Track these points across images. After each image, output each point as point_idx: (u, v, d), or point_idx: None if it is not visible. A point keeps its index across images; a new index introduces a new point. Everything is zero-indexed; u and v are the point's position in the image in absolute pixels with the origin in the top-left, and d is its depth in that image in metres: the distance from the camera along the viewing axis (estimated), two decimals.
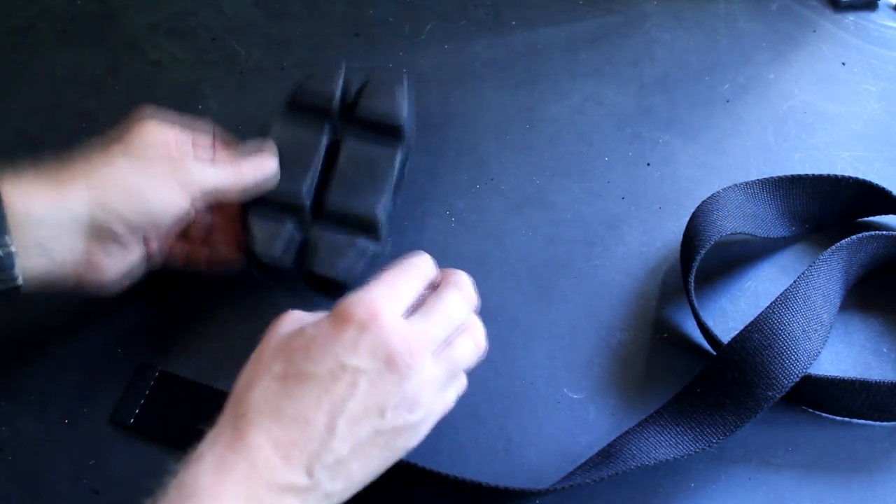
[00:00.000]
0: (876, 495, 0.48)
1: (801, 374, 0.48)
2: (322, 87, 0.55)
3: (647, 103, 0.66)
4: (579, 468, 0.48)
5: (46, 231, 0.44)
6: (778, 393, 0.48)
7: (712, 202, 0.56)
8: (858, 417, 0.51)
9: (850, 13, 0.71)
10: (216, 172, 0.50)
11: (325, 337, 0.39)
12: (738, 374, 0.48)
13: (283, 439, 0.36)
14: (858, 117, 0.65)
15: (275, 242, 0.52)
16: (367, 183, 0.54)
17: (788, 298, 0.50)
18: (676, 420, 0.49)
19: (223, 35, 0.71)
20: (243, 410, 0.38)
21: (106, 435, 0.51)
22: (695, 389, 0.50)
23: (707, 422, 0.48)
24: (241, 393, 0.39)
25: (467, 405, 0.51)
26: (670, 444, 0.48)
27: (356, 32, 0.71)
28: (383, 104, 0.55)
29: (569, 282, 0.57)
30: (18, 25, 0.72)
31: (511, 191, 0.62)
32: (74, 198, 0.45)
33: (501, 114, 0.66)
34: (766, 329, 0.49)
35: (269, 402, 0.37)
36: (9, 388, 0.53)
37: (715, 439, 0.48)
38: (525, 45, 0.70)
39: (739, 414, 0.48)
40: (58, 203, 0.44)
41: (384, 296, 0.40)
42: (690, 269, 0.53)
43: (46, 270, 0.45)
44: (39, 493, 0.50)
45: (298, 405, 0.37)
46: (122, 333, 0.55)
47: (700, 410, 0.49)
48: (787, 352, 0.48)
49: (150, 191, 0.47)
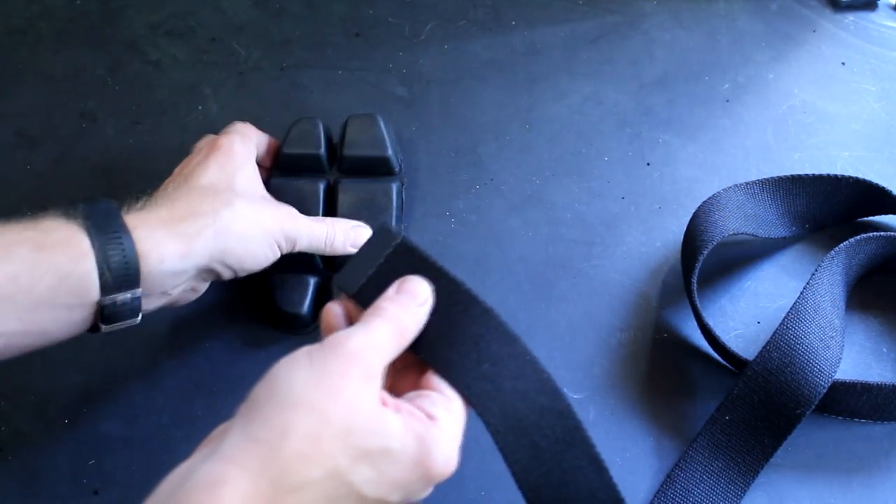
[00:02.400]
0: (875, 495, 0.48)
1: (827, 383, 0.48)
2: (306, 139, 0.57)
3: (647, 103, 0.66)
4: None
5: (173, 280, 0.46)
6: (807, 408, 0.47)
7: (713, 202, 0.56)
8: (859, 418, 0.51)
9: (850, 13, 0.71)
10: (314, 235, 0.52)
11: (401, 474, 0.35)
12: (765, 395, 0.48)
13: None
14: (858, 117, 0.65)
15: (303, 300, 0.54)
16: (370, 220, 0.55)
17: (800, 310, 0.50)
18: (714, 454, 0.49)
19: (223, 35, 0.71)
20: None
21: (106, 435, 0.51)
22: (723, 417, 0.49)
23: (745, 449, 0.48)
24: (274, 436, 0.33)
25: None
26: (724, 490, 0.48)
27: (356, 32, 0.71)
28: (367, 142, 0.58)
29: (569, 282, 0.57)
30: (18, 25, 0.72)
31: (511, 191, 0.62)
32: (200, 249, 0.46)
33: (501, 114, 0.66)
34: (784, 346, 0.48)
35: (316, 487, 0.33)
36: (9, 388, 0.53)
37: (759, 467, 0.48)
38: (525, 45, 0.70)
39: (775, 436, 0.48)
40: (186, 256, 0.46)
41: (457, 442, 0.38)
42: (692, 269, 0.53)
43: (161, 305, 0.48)
44: (39, 493, 0.50)
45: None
46: (122, 334, 0.55)
47: (735, 439, 0.49)
48: (809, 364, 0.48)
49: (259, 245, 0.49)
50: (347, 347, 0.36)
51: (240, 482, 0.31)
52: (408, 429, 0.35)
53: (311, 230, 0.52)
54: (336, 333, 0.37)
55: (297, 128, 0.58)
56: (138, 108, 0.66)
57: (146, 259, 0.44)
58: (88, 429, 0.52)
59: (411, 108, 0.66)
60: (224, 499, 0.31)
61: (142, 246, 0.44)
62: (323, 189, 0.57)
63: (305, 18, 0.72)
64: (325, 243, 0.53)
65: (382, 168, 0.58)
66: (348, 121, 0.58)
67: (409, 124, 0.65)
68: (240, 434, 0.33)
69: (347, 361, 0.35)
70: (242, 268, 0.49)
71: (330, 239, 0.53)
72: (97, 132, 0.65)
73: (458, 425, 0.38)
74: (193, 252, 0.46)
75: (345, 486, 0.34)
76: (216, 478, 0.31)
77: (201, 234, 0.46)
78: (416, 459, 0.35)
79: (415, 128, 0.65)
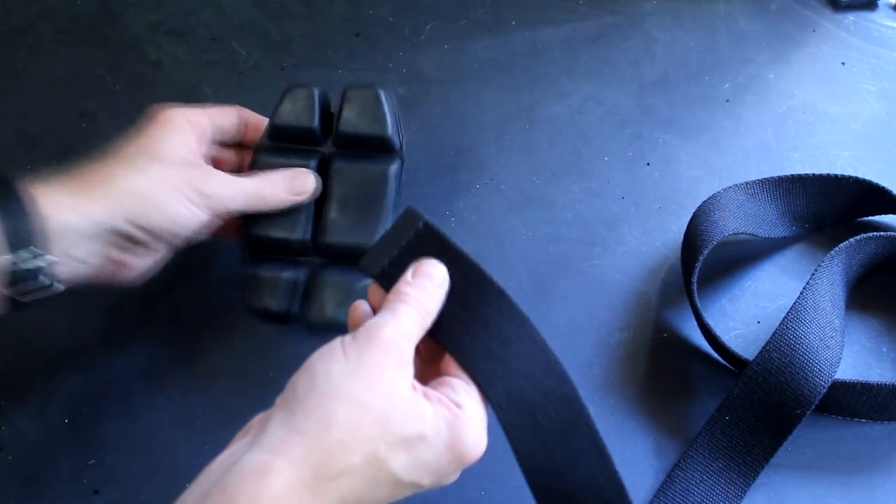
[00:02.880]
0: (876, 495, 0.48)
1: (827, 383, 0.48)
2: (299, 110, 0.53)
3: (647, 103, 0.66)
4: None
5: (82, 243, 0.45)
6: (808, 408, 0.47)
7: (713, 202, 0.56)
8: (859, 417, 0.51)
9: (850, 13, 0.71)
10: (238, 187, 0.49)
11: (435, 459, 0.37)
12: (765, 395, 0.48)
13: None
14: (858, 117, 0.65)
15: (274, 294, 0.51)
16: (364, 206, 0.51)
17: (800, 310, 0.50)
18: (714, 454, 0.49)
19: (223, 35, 0.71)
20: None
21: (106, 435, 0.51)
22: (723, 417, 0.49)
23: (745, 449, 0.48)
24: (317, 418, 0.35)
25: None
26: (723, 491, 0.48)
27: (356, 32, 0.71)
28: (366, 119, 0.52)
29: (569, 282, 0.57)
30: (18, 25, 0.72)
31: (511, 191, 0.62)
32: (97, 207, 0.45)
33: (501, 114, 0.66)
34: (783, 346, 0.48)
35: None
36: (9, 388, 0.53)
37: (759, 468, 0.48)
38: (525, 45, 0.70)
39: (775, 436, 0.48)
40: (87, 215, 0.45)
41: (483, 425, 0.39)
42: (692, 269, 0.53)
43: (73, 273, 0.46)
44: (39, 492, 0.50)
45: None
46: (122, 334, 0.55)
47: (735, 440, 0.49)
48: (809, 364, 0.48)
49: (168, 204, 0.47)
50: (382, 338, 0.37)
51: (284, 471, 0.33)
52: (438, 415, 0.37)
53: (238, 187, 0.49)
54: (367, 324, 0.38)
55: (290, 96, 0.53)
56: (138, 109, 0.66)
57: (47, 220, 0.43)
58: (88, 429, 0.52)
59: (411, 108, 0.66)
60: (270, 486, 0.33)
61: (43, 207, 0.43)
62: (314, 166, 0.52)
63: (305, 18, 0.72)
64: (262, 198, 0.50)
65: (381, 146, 0.53)
66: (347, 93, 0.53)
67: (409, 124, 0.65)
68: (281, 425, 0.35)
69: (383, 352, 0.37)
70: (158, 229, 0.47)
71: (267, 192, 0.50)
72: (97, 132, 0.65)
73: (481, 409, 0.39)
74: (93, 211, 0.45)
75: (383, 471, 0.35)
76: (262, 466, 0.33)
77: (104, 194, 0.45)
78: (449, 444, 0.37)
79: (415, 128, 0.65)
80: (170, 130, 0.49)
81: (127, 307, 0.56)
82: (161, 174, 0.47)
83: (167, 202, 0.47)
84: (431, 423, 0.37)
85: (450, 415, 0.37)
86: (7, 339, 0.55)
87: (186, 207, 0.47)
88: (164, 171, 0.47)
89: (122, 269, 0.48)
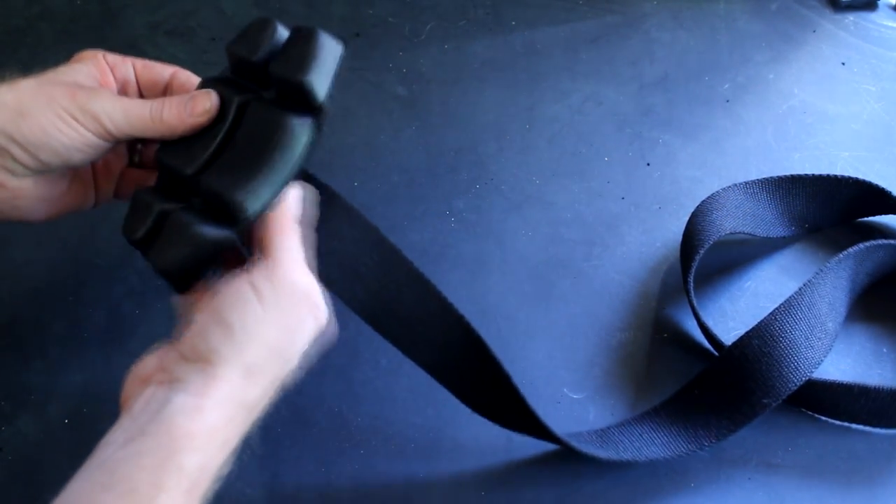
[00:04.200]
0: (875, 496, 0.48)
1: (799, 382, 0.48)
2: (250, 41, 0.47)
3: (647, 103, 0.66)
4: (574, 435, 0.49)
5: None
6: (775, 400, 0.48)
7: (712, 202, 0.56)
8: (858, 423, 0.51)
9: (850, 13, 0.71)
10: (126, 107, 0.46)
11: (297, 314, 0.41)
12: (737, 379, 0.48)
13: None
14: (858, 117, 0.65)
15: (135, 218, 0.45)
16: (256, 160, 0.44)
17: (792, 305, 0.50)
18: (671, 419, 0.49)
19: (223, 35, 0.71)
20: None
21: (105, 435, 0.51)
22: (692, 391, 0.50)
23: (701, 424, 0.49)
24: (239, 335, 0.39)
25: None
26: (662, 444, 0.48)
27: (356, 32, 0.71)
28: (292, 61, 0.45)
29: (569, 282, 0.57)
30: (18, 25, 0.72)
31: (511, 191, 0.62)
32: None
33: (501, 114, 0.66)
34: (766, 335, 0.48)
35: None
36: (9, 388, 0.53)
37: (707, 442, 0.48)
38: (525, 45, 0.70)
39: (734, 419, 0.48)
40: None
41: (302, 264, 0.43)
42: (690, 268, 0.53)
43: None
44: (39, 493, 0.50)
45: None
46: (122, 334, 0.55)
47: (695, 412, 0.49)
48: (787, 359, 0.48)
49: (43, 115, 0.44)
50: (294, 283, 0.41)
51: (213, 410, 0.37)
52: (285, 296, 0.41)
53: (124, 105, 0.46)
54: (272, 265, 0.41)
55: (251, 26, 0.47)
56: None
57: None
58: (88, 429, 0.52)
59: (411, 108, 0.66)
60: (203, 421, 0.37)
61: None
62: (237, 102, 0.46)
63: (305, 18, 0.72)
64: (152, 117, 0.46)
65: (300, 97, 0.45)
66: (291, 32, 0.47)
67: (409, 124, 0.65)
68: (200, 373, 0.38)
69: (298, 299, 0.41)
70: (36, 143, 0.44)
71: (157, 112, 0.46)
72: None
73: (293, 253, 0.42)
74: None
75: (287, 356, 0.40)
76: (193, 407, 0.37)
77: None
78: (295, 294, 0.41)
79: (415, 128, 0.65)
80: (79, 63, 0.48)
81: (127, 307, 0.56)
82: (43, 90, 0.45)
83: (42, 113, 0.44)
84: (307, 331, 0.41)
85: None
86: (7, 339, 0.55)
87: (65, 121, 0.44)
88: (48, 88, 0.45)
89: (13, 199, 0.46)
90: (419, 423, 0.51)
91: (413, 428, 0.51)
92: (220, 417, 0.37)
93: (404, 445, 0.50)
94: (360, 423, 0.51)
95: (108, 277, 0.57)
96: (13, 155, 0.44)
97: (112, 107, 0.45)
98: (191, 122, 0.46)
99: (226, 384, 0.38)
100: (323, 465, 0.49)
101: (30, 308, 0.56)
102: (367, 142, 0.65)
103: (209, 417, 0.37)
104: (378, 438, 0.50)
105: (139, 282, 0.57)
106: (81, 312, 0.56)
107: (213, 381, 0.38)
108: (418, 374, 0.48)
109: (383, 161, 0.63)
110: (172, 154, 0.47)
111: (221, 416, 0.37)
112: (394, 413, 0.51)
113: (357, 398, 0.52)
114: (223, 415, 0.38)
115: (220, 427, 0.37)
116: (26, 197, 0.46)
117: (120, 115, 0.45)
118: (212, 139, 0.46)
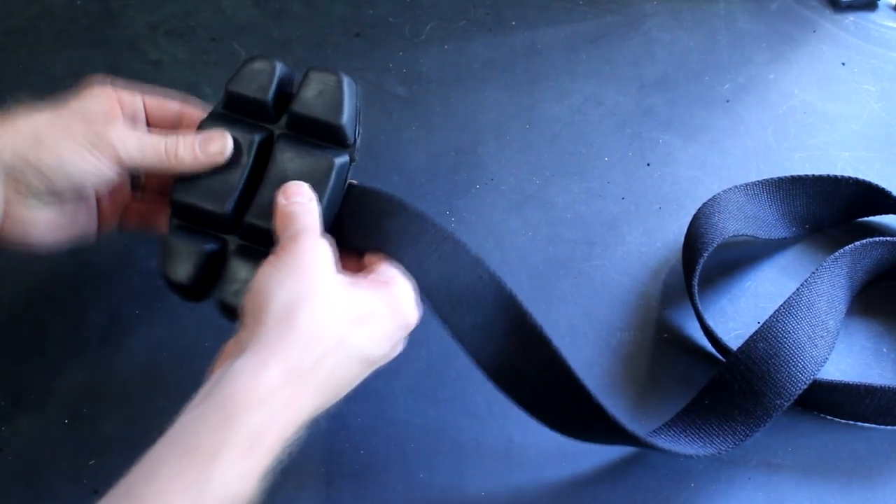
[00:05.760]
0: (876, 496, 0.48)
1: (808, 381, 0.48)
2: (255, 81, 0.49)
3: (647, 103, 0.66)
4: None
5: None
6: (786, 401, 0.48)
7: (713, 204, 0.56)
8: (862, 421, 0.51)
9: (850, 13, 0.71)
10: (142, 140, 0.47)
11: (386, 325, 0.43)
12: (745, 383, 0.48)
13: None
14: (858, 117, 0.65)
15: (184, 265, 0.47)
16: None
17: (792, 306, 0.50)
18: (686, 431, 0.49)
19: (223, 35, 0.71)
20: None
21: (106, 435, 0.51)
22: (703, 401, 0.49)
23: (716, 432, 0.48)
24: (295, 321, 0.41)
25: (467, 405, 0.51)
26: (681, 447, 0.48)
27: (356, 32, 0.71)
28: (322, 102, 0.48)
29: (569, 282, 0.57)
30: (18, 25, 0.72)
31: (511, 191, 0.62)
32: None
33: (501, 114, 0.66)
34: (770, 337, 0.48)
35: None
36: (9, 388, 0.53)
37: (724, 448, 0.48)
38: (525, 45, 0.70)
39: (749, 423, 0.48)
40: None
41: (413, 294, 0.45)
42: (693, 271, 0.53)
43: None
44: (39, 493, 0.50)
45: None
46: (122, 334, 0.55)
47: (709, 421, 0.49)
48: (794, 359, 0.48)
49: (61, 145, 0.45)
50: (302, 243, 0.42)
51: (273, 368, 0.39)
52: (374, 291, 0.43)
53: (141, 138, 0.47)
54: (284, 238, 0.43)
55: (249, 66, 0.49)
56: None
57: None
58: (88, 429, 0.52)
59: (411, 108, 0.66)
60: (265, 379, 0.38)
61: None
62: (258, 141, 0.48)
63: (305, 18, 0.72)
64: (166, 153, 0.47)
65: (333, 136, 0.48)
66: (309, 73, 0.49)
67: (409, 124, 0.65)
68: (256, 341, 0.40)
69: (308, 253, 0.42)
70: (53, 169, 0.45)
71: (170, 148, 0.47)
72: None
73: (408, 281, 0.45)
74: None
75: (349, 347, 0.41)
76: (253, 367, 0.38)
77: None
78: (392, 311, 0.43)
79: (415, 128, 0.65)
80: (90, 95, 0.48)
81: (127, 307, 0.56)
82: (60, 120, 0.46)
83: (60, 142, 0.45)
84: (370, 298, 0.43)
85: (384, 288, 0.44)
86: (7, 339, 0.55)
87: (82, 153, 0.45)
88: (63, 117, 0.46)
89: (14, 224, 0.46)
90: (419, 424, 0.51)
91: (413, 428, 0.51)
92: (279, 377, 0.38)
93: (404, 445, 0.50)
94: (360, 423, 0.51)
95: (108, 277, 0.57)
96: (28, 181, 0.45)
97: (125, 138, 0.47)
98: (205, 160, 0.48)
99: (277, 345, 0.39)
100: (323, 466, 0.49)
101: (30, 308, 0.56)
102: (366, 142, 0.64)
103: (267, 377, 0.38)
104: (378, 438, 0.50)
105: (139, 282, 0.57)
106: (81, 312, 0.56)
107: (266, 346, 0.39)
108: (418, 375, 0.48)
109: (383, 161, 0.63)
110: (195, 193, 0.48)
111: (280, 376, 0.38)
112: (394, 413, 0.51)
113: (357, 398, 0.52)
114: (281, 376, 0.39)
115: (279, 387, 0.38)
116: (36, 225, 0.47)
117: (135, 146, 0.47)
118: (235, 177, 0.48)
